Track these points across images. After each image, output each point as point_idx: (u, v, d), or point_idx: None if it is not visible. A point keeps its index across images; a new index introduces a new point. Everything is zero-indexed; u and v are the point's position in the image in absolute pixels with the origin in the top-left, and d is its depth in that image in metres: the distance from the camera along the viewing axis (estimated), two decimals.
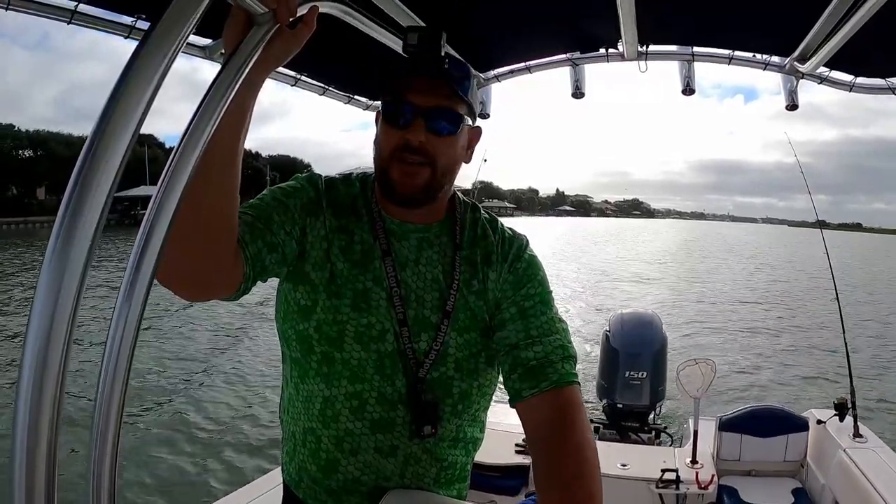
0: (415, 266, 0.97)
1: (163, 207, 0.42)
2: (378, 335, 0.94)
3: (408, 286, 0.96)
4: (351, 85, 2.06)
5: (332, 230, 0.96)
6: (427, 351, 0.95)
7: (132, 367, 0.41)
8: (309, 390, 0.97)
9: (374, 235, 0.97)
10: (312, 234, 0.94)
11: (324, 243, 0.95)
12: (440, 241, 1.00)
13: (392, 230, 0.98)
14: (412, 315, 0.95)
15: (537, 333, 0.94)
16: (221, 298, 0.88)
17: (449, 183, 0.98)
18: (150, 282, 0.41)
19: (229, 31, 0.66)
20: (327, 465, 0.98)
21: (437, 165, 0.92)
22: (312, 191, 0.97)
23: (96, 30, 1.36)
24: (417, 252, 0.98)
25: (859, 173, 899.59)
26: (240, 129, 0.75)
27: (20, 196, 48.07)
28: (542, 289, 1.00)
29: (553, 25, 1.77)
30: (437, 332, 0.96)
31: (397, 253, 0.97)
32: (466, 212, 1.04)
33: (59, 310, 0.33)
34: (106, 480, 0.40)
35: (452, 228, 1.01)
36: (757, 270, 27.69)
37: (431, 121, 0.91)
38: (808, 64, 1.67)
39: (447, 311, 0.96)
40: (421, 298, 0.96)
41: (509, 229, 1.07)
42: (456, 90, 0.90)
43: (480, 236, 1.02)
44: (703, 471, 2.33)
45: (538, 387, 0.90)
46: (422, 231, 0.99)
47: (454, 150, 0.95)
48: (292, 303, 0.96)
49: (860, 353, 8.81)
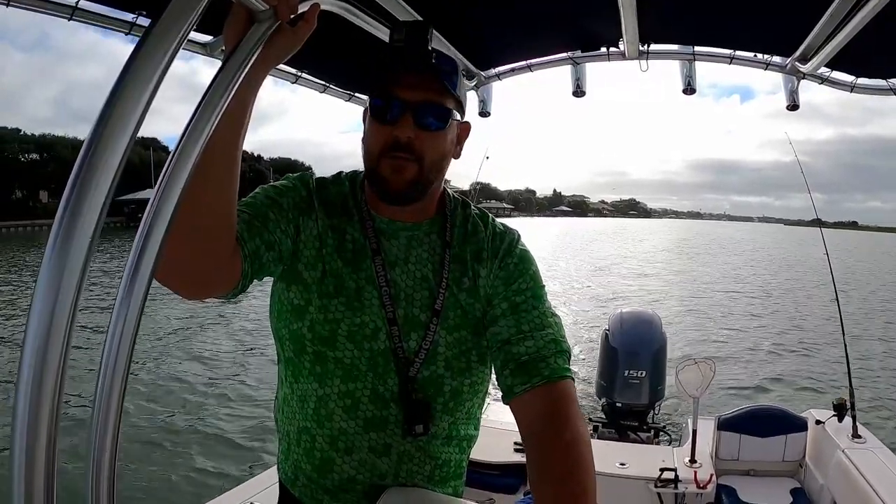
0: (404, 265, 0.97)
1: (162, 206, 0.42)
2: (371, 334, 0.94)
3: (397, 285, 0.96)
4: (352, 82, 2.06)
5: (324, 229, 0.96)
6: (417, 350, 0.95)
7: (130, 367, 0.41)
8: (303, 390, 0.97)
9: (365, 234, 0.97)
10: (305, 233, 0.94)
11: (316, 242, 0.95)
12: (430, 240, 1.00)
13: (381, 229, 0.98)
14: (402, 314, 0.95)
15: (529, 328, 0.94)
16: (218, 296, 0.88)
17: (438, 179, 0.97)
18: (149, 282, 0.41)
19: (230, 29, 0.66)
20: (322, 464, 0.98)
21: (425, 161, 0.91)
22: (304, 190, 0.97)
23: (97, 26, 1.36)
24: (407, 251, 0.98)
25: (856, 172, 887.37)
26: (240, 126, 0.75)
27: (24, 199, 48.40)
28: (534, 283, 0.99)
29: (554, 24, 1.76)
30: (427, 330, 0.95)
31: (387, 252, 0.97)
32: (457, 209, 1.04)
33: (58, 309, 0.33)
34: (105, 479, 0.40)
35: (443, 226, 1.01)
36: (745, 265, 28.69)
37: (419, 116, 0.89)
38: (810, 64, 1.67)
39: (436, 309, 0.96)
40: (410, 297, 0.96)
41: (501, 224, 1.06)
42: (444, 84, 0.89)
43: (471, 233, 1.01)
44: (701, 470, 2.33)
45: (530, 382, 0.89)
46: (411, 229, 0.99)
47: (443, 146, 0.94)
48: (286, 302, 0.96)
49: (860, 352, 8.82)
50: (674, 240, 56.82)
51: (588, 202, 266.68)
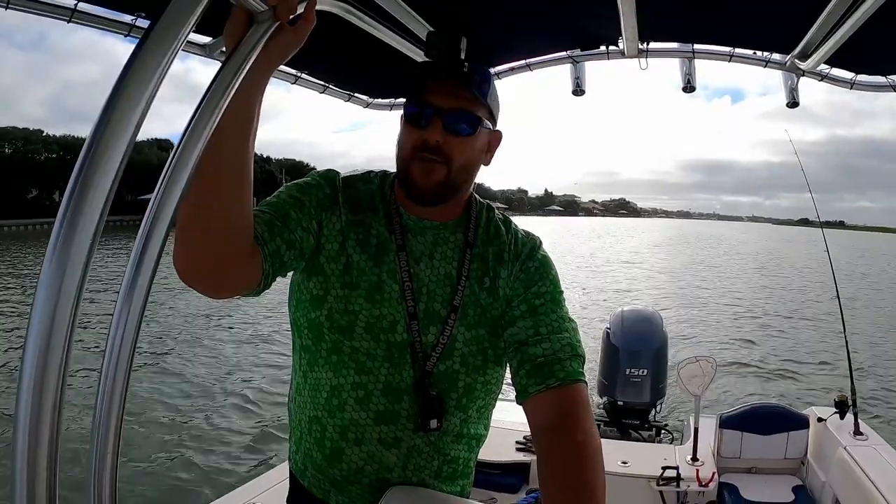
0: (429, 261, 1.00)
1: (163, 207, 0.42)
2: (388, 326, 0.97)
3: (420, 280, 0.99)
4: (351, 83, 2.06)
5: (348, 224, 0.99)
6: (434, 344, 0.97)
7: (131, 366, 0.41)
8: (317, 378, 1.00)
9: (391, 230, 1.00)
10: (328, 228, 0.98)
11: (339, 237, 0.98)
12: (455, 238, 1.03)
13: (409, 226, 1.01)
14: (422, 308, 0.98)
15: (546, 331, 0.96)
16: (243, 295, 0.92)
17: (466, 183, 1.02)
18: (150, 282, 0.41)
19: (230, 30, 0.67)
20: (332, 454, 0.99)
21: (454, 164, 0.96)
22: (329, 187, 1.01)
23: (96, 28, 1.36)
24: (432, 247, 1.01)
25: (845, 172, 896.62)
26: (249, 129, 0.76)
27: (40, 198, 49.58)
28: (553, 288, 1.02)
29: (554, 23, 1.76)
30: (445, 325, 0.98)
31: (412, 248, 1.00)
32: (482, 212, 1.08)
33: (60, 309, 0.33)
34: (107, 477, 0.40)
35: (467, 226, 1.04)
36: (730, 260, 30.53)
37: (449, 121, 0.94)
38: (809, 61, 1.66)
39: (454, 305, 0.99)
40: (432, 292, 0.99)
41: (523, 230, 1.10)
42: (475, 93, 0.94)
43: (493, 235, 1.05)
44: (703, 468, 2.33)
45: (545, 383, 0.92)
46: (437, 228, 1.02)
47: (471, 151, 0.99)
48: (305, 292, 0.99)
49: (860, 351, 8.82)
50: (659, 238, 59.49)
51: (579, 202, 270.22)
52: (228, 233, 0.80)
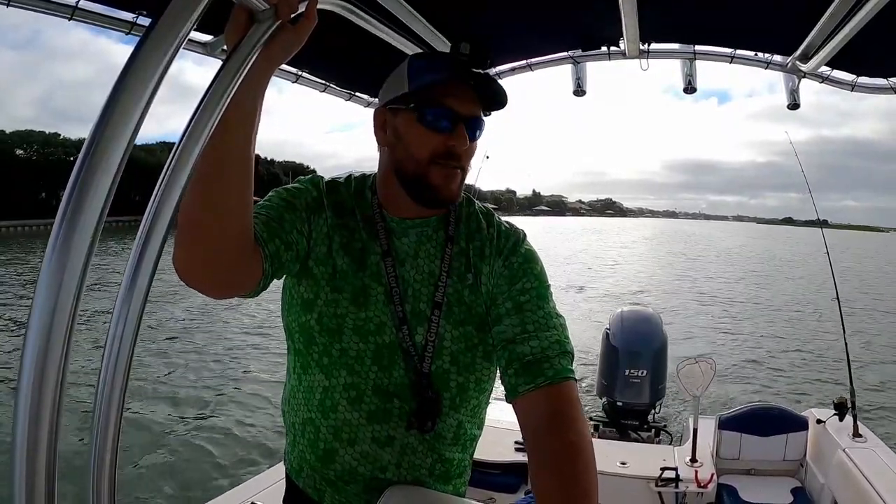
0: (413, 261, 1.00)
1: (162, 207, 0.42)
2: (376, 328, 0.97)
3: (406, 281, 0.99)
4: (351, 82, 2.05)
5: (333, 227, 0.99)
6: (424, 344, 0.97)
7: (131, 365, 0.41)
8: (310, 381, 1.00)
9: (374, 234, 1.00)
10: (316, 232, 0.98)
11: (326, 240, 0.98)
12: (437, 236, 1.03)
13: (392, 228, 1.01)
14: (409, 309, 0.98)
15: (533, 328, 0.95)
16: (241, 295, 0.92)
17: None
18: (149, 281, 0.41)
19: (231, 29, 0.67)
20: (325, 454, 1.00)
21: (466, 169, 0.99)
22: (315, 191, 1.01)
23: (97, 26, 1.35)
24: (416, 247, 1.01)
25: (830, 172, 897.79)
26: (251, 128, 0.76)
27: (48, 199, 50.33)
28: (539, 283, 1.01)
29: (555, 23, 1.76)
30: (430, 323, 0.98)
31: (397, 250, 1.00)
32: (461, 205, 1.06)
33: (59, 308, 0.33)
34: (106, 476, 0.40)
35: (447, 221, 1.04)
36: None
37: (470, 129, 0.96)
38: (810, 63, 1.66)
39: (437, 301, 0.98)
40: (417, 292, 0.99)
41: (506, 223, 1.08)
42: (491, 103, 0.98)
43: (475, 230, 1.04)
44: (702, 469, 2.33)
45: (534, 382, 0.90)
46: (420, 226, 1.02)
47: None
48: (296, 296, 0.99)
49: (860, 351, 8.82)
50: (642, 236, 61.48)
51: (566, 202, 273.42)
52: (232, 230, 0.80)
